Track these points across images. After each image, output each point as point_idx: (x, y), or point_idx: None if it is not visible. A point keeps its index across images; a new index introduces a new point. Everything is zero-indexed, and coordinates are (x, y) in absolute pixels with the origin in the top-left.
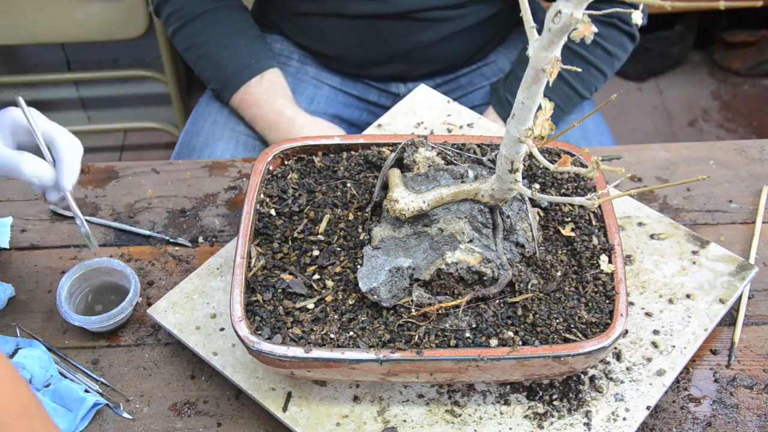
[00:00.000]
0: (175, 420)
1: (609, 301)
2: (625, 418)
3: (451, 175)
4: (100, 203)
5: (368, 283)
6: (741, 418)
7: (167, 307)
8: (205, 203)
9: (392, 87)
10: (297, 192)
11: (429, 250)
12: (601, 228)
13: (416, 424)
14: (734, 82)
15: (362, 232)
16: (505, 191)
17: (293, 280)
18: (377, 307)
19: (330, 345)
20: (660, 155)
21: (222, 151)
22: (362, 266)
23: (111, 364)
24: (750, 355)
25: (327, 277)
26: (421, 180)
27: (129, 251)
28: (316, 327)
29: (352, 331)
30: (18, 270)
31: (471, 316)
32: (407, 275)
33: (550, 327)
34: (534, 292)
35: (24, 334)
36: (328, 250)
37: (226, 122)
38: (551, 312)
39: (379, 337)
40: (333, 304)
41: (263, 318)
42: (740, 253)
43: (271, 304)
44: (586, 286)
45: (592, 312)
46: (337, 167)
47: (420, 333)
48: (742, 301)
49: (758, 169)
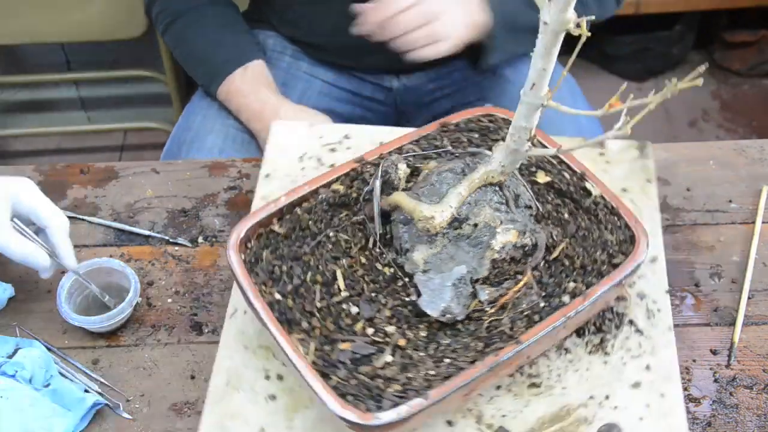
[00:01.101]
0: (175, 420)
1: (618, 218)
2: (659, 309)
3: (452, 172)
4: (100, 203)
5: (437, 307)
6: (741, 418)
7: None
8: (205, 203)
9: (386, 81)
10: (284, 266)
11: (472, 249)
12: (562, 163)
13: (516, 412)
14: (734, 82)
15: (384, 266)
16: (518, 162)
17: (354, 345)
18: (452, 324)
19: (437, 381)
20: (660, 155)
21: (211, 145)
22: (421, 295)
23: (111, 364)
24: (750, 355)
25: (382, 324)
26: (427, 190)
27: (129, 251)
28: (410, 374)
29: (447, 359)
30: (18, 270)
31: (535, 287)
32: (467, 280)
33: (595, 262)
34: (564, 240)
35: (24, 334)
36: (364, 301)
37: (216, 116)
38: (587, 249)
39: (474, 349)
40: (410, 345)
41: (357, 395)
42: (740, 254)
43: (352, 378)
44: (596, 214)
45: (615, 233)
46: (305, 224)
47: (507, 325)
48: (742, 300)
49: (758, 169)
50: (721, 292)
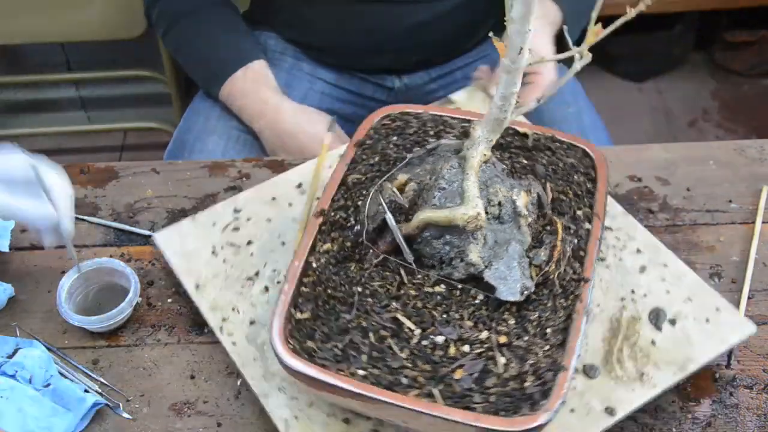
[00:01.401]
0: (175, 420)
1: (560, 142)
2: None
3: (441, 171)
4: (99, 203)
5: (515, 290)
6: (741, 418)
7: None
8: (205, 203)
9: (388, 81)
10: (339, 343)
11: (508, 225)
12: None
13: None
14: (734, 82)
15: (434, 286)
16: (500, 130)
17: (465, 368)
18: (527, 300)
19: (557, 350)
20: (660, 155)
21: (213, 146)
22: (496, 288)
23: (111, 364)
24: (750, 355)
25: (473, 336)
26: (439, 191)
27: (129, 251)
28: (531, 360)
29: (548, 328)
30: (18, 270)
31: (568, 227)
32: (523, 253)
33: (579, 185)
34: (545, 180)
35: (24, 334)
36: (441, 326)
37: (219, 118)
38: (565, 179)
39: (561, 307)
40: (511, 337)
41: (506, 407)
42: (740, 254)
43: (490, 396)
44: (545, 147)
45: (570, 155)
46: (324, 296)
47: (569, 273)
48: (742, 300)
49: (758, 169)
50: (721, 292)
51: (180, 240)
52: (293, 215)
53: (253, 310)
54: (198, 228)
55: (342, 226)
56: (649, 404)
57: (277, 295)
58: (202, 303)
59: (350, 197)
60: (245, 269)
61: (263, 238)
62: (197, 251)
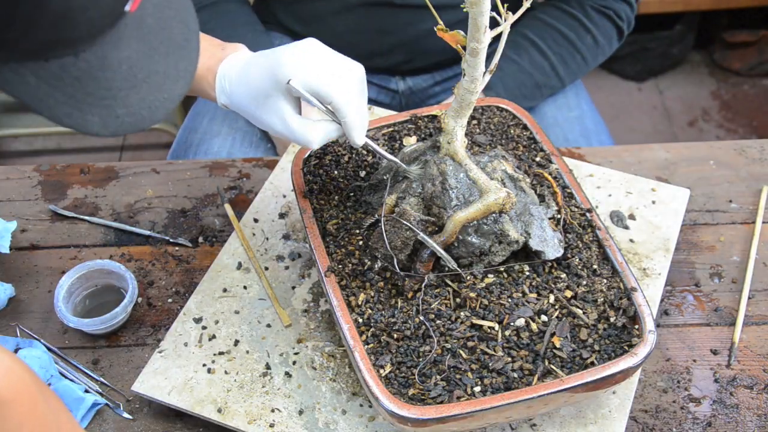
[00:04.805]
0: (175, 420)
1: (503, 110)
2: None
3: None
4: (100, 203)
5: (557, 247)
6: (741, 418)
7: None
8: (205, 203)
9: (392, 83)
10: (434, 377)
11: (515, 190)
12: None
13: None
14: (734, 82)
15: (484, 280)
16: (469, 113)
17: (556, 328)
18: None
19: (615, 291)
20: (660, 155)
21: (219, 147)
22: (543, 252)
23: (111, 364)
24: (750, 355)
25: (544, 304)
26: (452, 190)
27: (129, 251)
28: (608, 296)
29: (603, 277)
30: (18, 270)
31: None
32: (542, 212)
33: (521, 138)
34: (498, 141)
35: (24, 334)
36: (515, 307)
37: (224, 118)
38: (511, 138)
39: (590, 241)
40: (578, 289)
41: (611, 350)
42: (740, 253)
43: (600, 339)
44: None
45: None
46: (386, 337)
47: (573, 215)
48: (742, 300)
49: (758, 169)
50: (721, 292)
51: (164, 379)
52: (256, 295)
53: (290, 400)
54: (170, 358)
55: (360, 272)
56: (650, 404)
57: (310, 378)
58: (236, 422)
59: (345, 243)
60: (252, 368)
61: (245, 331)
62: (191, 378)
